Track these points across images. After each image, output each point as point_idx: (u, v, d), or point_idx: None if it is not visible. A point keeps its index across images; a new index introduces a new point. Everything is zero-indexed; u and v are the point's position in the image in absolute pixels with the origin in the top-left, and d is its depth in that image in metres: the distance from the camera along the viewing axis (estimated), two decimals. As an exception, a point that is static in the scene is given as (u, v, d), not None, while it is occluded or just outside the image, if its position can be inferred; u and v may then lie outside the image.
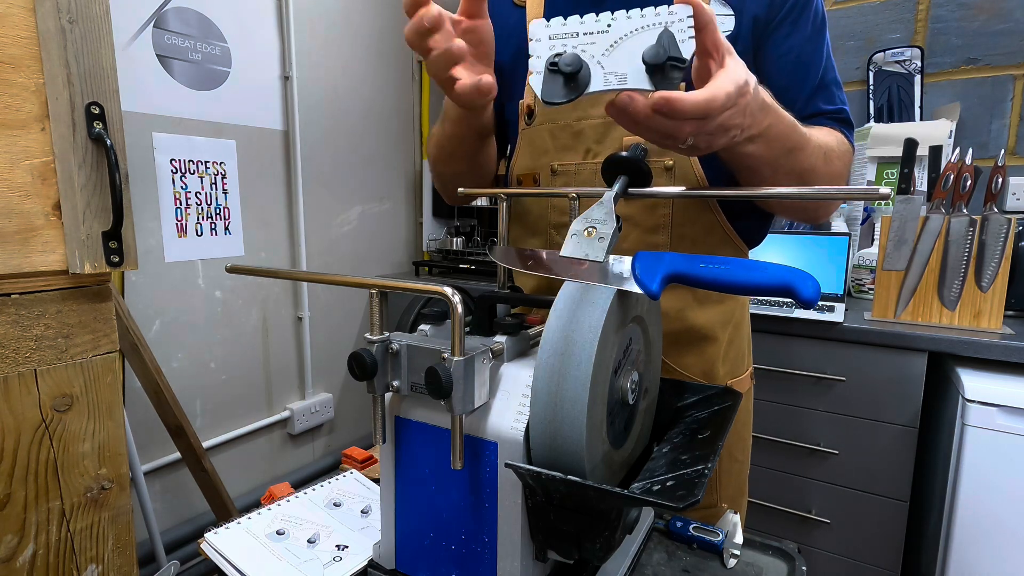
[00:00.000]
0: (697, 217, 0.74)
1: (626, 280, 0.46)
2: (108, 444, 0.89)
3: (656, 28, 0.44)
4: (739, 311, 0.84)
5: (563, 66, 0.44)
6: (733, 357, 0.84)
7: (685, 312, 0.77)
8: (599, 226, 0.51)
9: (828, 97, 0.73)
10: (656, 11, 0.44)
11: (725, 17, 0.71)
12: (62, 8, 0.77)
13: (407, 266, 2.35)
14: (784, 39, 0.70)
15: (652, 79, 0.44)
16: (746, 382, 0.87)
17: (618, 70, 0.45)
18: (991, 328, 1.25)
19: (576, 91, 0.45)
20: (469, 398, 0.45)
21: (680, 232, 0.74)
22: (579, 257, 0.50)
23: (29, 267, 0.78)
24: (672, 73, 0.43)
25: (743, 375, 0.86)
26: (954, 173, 1.25)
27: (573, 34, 0.45)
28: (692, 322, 0.77)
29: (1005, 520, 1.13)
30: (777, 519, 1.48)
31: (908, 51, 1.71)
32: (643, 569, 0.57)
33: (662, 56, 0.43)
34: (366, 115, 2.10)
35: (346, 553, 0.61)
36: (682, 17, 0.43)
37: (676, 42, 0.43)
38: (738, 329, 0.85)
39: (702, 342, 0.78)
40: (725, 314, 0.80)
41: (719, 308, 0.79)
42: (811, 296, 0.41)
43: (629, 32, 0.44)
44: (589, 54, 0.45)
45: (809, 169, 0.64)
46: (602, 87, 0.45)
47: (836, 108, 0.73)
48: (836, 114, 0.73)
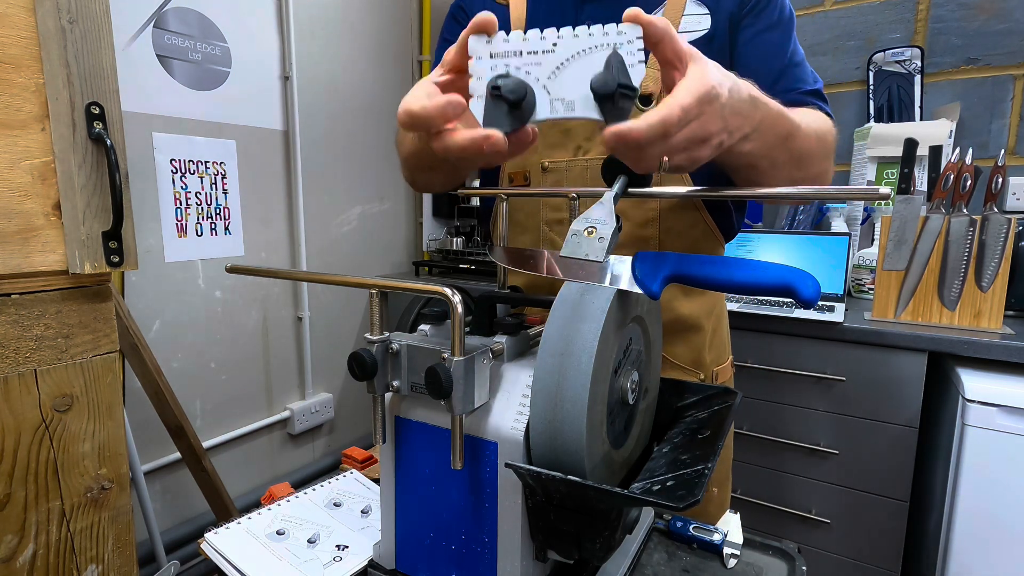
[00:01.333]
0: (682, 212, 0.78)
1: (626, 280, 0.46)
2: (108, 444, 0.89)
3: (604, 49, 0.41)
4: (720, 302, 0.89)
5: (506, 92, 0.41)
6: (717, 345, 0.88)
7: (672, 303, 0.80)
8: (599, 226, 0.51)
9: (801, 75, 0.74)
10: (604, 29, 0.41)
11: (701, 16, 0.73)
12: (62, 8, 0.76)
13: (407, 266, 2.35)
14: (750, 26, 0.73)
15: (601, 108, 0.41)
16: (728, 371, 0.91)
17: (565, 96, 0.42)
18: (991, 328, 1.25)
19: (520, 120, 0.42)
20: (469, 398, 0.45)
21: (667, 226, 0.77)
22: (579, 257, 0.50)
23: (29, 267, 0.78)
24: (622, 102, 0.40)
25: (726, 363, 0.90)
26: (954, 173, 1.25)
27: (517, 52, 0.42)
28: (679, 312, 0.80)
29: (1005, 520, 1.13)
30: (777, 519, 1.48)
31: (908, 51, 1.71)
32: (643, 569, 0.57)
33: (611, 85, 0.39)
34: (366, 115, 2.10)
35: (346, 553, 0.61)
36: (631, 38, 0.41)
37: (625, 67, 0.40)
38: (720, 319, 0.89)
39: (689, 331, 0.82)
40: (708, 304, 0.84)
41: (703, 299, 0.83)
42: (811, 296, 0.41)
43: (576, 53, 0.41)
44: (534, 76, 0.42)
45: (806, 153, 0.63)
46: (548, 115, 0.42)
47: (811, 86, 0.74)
48: (812, 92, 0.74)
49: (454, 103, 0.42)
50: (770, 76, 0.72)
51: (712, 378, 0.85)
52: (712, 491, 0.87)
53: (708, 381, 0.85)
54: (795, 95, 0.72)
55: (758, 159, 0.60)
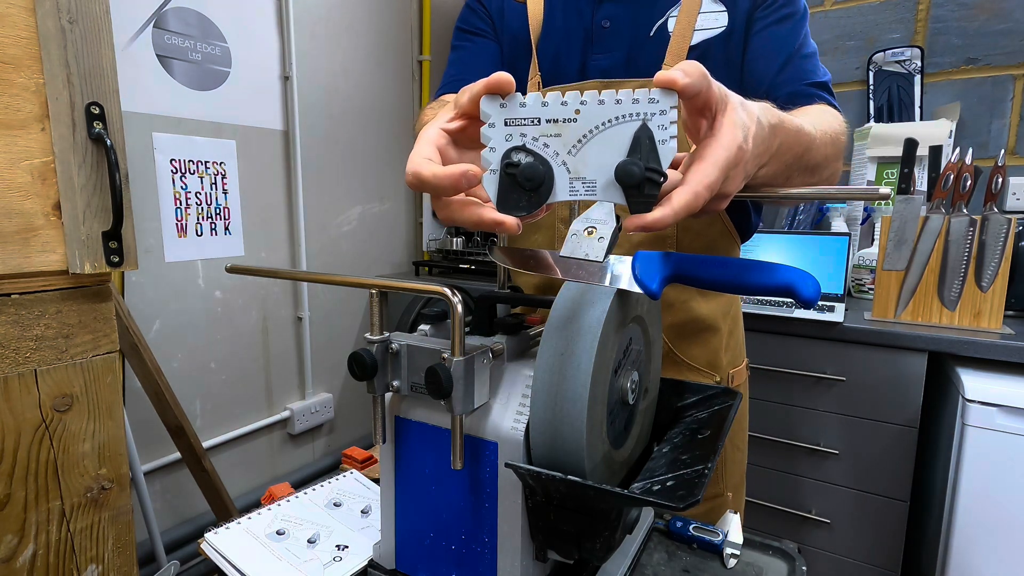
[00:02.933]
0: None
1: (626, 280, 0.46)
2: (108, 444, 0.89)
3: (633, 121, 0.36)
4: (736, 303, 0.88)
5: (523, 180, 0.37)
6: (733, 347, 0.87)
7: (689, 303, 0.79)
8: (599, 226, 0.51)
9: (810, 67, 0.74)
10: (634, 95, 0.36)
11: (718, 14, 0.73)
12: (62, 8, 0.76)
13: (407, 266, 2.35)
14: (762, 19, 0.74)
15: (627, 196, 0.37)
16: (743, 373, 0.90)
17: (586, 175, 0.37)
18: (991, 328, 1.25)
19: (537, 203, 0.38)
20: (469, 398, 0.45)
21: (686, 224, 0.76)
22: (579, 257, 0.50)
23: (29, 267, 0.78)
24: (649, 188, 0.36)
25: (741, 365, 0.89)
26: (954, 173, 1.25)
27: (534, 120, 0.37)
28: (696, 312, 0.79)
29: (1005, 520, 1.13)
30: (777, 519, 1.48)
31: (908, 51, 1.71)
32: (643, 569, 0.57)
33: (638, 176, 0.36)
34: (366, 115, 2.10)
35: (346, 553, 0.61)
36: (665, 108, 0.36)
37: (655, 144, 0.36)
38: (736, 321, 0.88)
39: (706, 332, 0.81)
40: (725, 305, 0.83)
41: (720, 299, 0.82)
42: (811, 296, 0.41)
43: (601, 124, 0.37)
44: (552, 150, 0.38)
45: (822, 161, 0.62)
46: (567, 198, 0.38)
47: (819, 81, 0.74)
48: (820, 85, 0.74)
49: (469, 176, 0.38)
50: (775, 65, 0.72)
51: (728, 380, 0.84)
52: (727, 496, 0.85)
53: (724, 383, 0.83)
54: (802, 86, 0.71)
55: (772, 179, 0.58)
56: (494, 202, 0.39)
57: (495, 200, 0.39)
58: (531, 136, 0.38)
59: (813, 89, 0.71)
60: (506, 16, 0.84)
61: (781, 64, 0.72)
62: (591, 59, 0.78)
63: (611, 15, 0.77)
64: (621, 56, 0.76)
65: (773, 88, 0.72)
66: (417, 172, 0.39)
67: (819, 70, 0.74)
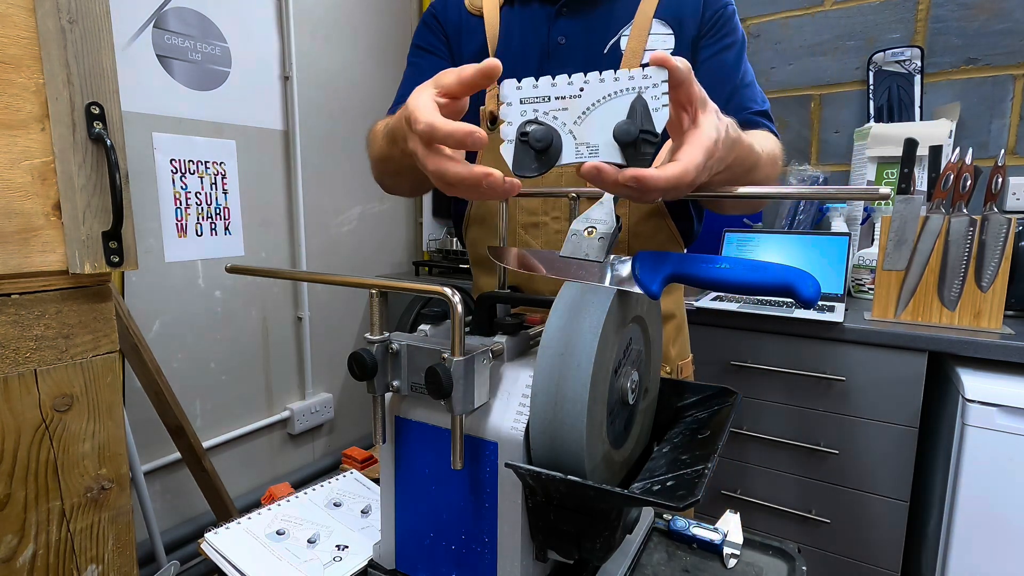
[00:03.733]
0: (650, 219, 0.82)
1: (626, 280, 0.46)
2: (108, 444, 0.89)
3: (629, 94, 0.42)
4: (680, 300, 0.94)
5: (534, 142, 0.43)
6: (681, 341, 0.93)
7: None
8: (599, 226, 0.51)
9: (751, 95, 0.80)
10: (631, 74, 0.42)
11: (666, 36, 0.77)
12: (62, 8, 0.76)
13: (407, 266, 2.35)
14: (708, 47, 0.78)
15: (624, 154, 0.42)
16: (690, 367, 0.95)
17: (590, 140, 0.43)
18: (991, 328, 1.25)
19: (547, 164, 0.44)
20: (469, 398, 0.45)
21: (636, 231, 0.82)
22: (579, 257, 0.50)
23: (29, 267, 0.78)
24: (644, 148, 0.42)
25: (688, 359, 0.94)
26: (954, 173, 1.25)
27: (545, 98, 0.44)
28: None
29: (1005, 520, 1.13)
30: (777, 519, 1.48)
31: (908, 51, 1.71)
32: (643, 569, 0.57)
33: (634, 133, 0.41)
34: (366, 115, 2.10)
35: (346, 553, 0.61)
36: (657, 82, 0.42)
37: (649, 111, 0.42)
38: (683, 314, 0.94)
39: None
40: (676, 300, 0.90)
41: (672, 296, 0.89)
42: (811, 296, 0.41)
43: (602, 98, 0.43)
44: (560, 121, 0.44)
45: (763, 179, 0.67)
46: (573, 159, 0.44)
47: (759, 107, 0.80)
48: (762, 113, 0.79)
49: (476, 137, 0.43)
50: (723, 95, 0.77)
51: (676, 372, 0.89)
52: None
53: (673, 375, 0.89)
54: (746, 115, 0.77)
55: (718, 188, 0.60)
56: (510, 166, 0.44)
57: (511, 164, 0.44)
58: (543, 111, 0.43)
59: (756, 117, 0.77)
60: (464, 32, 0.86)
61: (728, 94, 0.78)
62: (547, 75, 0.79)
63: (566, 32, 0.79)
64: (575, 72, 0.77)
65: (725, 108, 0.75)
66: (432, 123, 0.43)
67: (759, 97, 0.80)
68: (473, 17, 0.85)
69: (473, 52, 0.85)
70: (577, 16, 0.80)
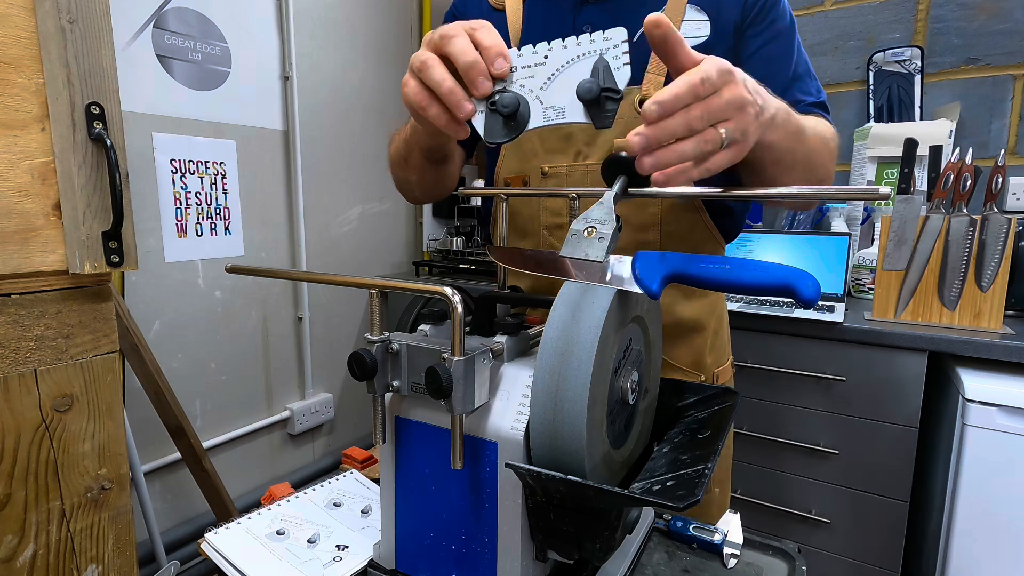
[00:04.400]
0: (683, 215, 0.77)
1: (626, 280, 0.46)
2: (108, 444, 0.89)
3: (591, 57, 0.44)
4: (721, 304, 0.88)
5: (501, 107, 0.45)
6: (719, 347, 0.88)
7: (673, 306, 0.80)
8: (599, 226, 0.51)
9: (804, 88, 0.75)
10: (591, 37, 0.44)
11: (700, 23, 0.73)
12: (62, 8, 0.76)
13: (407, 266, 2.35)
14: (754, 37, 0.73)
15: (588, 112, 0.44)
16: (728, 371, 0.91)
17: (556, 103, 0.45)
18: (991, 328, 1.25)
19: (516, 130, 0.46)
20: (469, 398, 0.45)
21: (668, 230, 0.77)
22: (579, 257, 0.50)
23: (29, 267, 0.78)
24: (608, 105, 0.44)
25: (726, 364, 0.90)
26: (954, 173, 1.25)
27: (512, 68, 0.46)
28: (680, 315, 0.80)
29: (1005, 520, 1.13)
30: (777, 519, 1.48)
31: (908, 51, 1.71)
32: (643, 569, 0.57)
33: (595, 91, 0.43)
34: (366, 115, 2.09)
35: (346, 553, 0.61)
36: (617, 43, 0.43)
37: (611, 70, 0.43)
38: (721, 321, 0.88)
39: (691, 334, 0.82)
40: (709, 306, 0.84)
41: (704, 301, 0.83)
42: (811, 296, 0.41)
43: (566, 63, 0.44)
44: (528, 88, 0.46)
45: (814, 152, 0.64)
46: (541, 123, 0.46)
47: (814, 100, 0.75)
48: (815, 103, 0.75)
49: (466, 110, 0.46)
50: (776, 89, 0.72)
51: (713, 380, 0.85)
52: (713, 491, 0.87)
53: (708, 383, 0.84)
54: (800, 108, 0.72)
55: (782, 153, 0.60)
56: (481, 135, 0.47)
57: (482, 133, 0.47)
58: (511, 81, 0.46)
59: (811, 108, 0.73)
60: None
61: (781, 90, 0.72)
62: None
63: (592, 20, 0.76)
64: None
65: None
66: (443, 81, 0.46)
67: (813, 89, 0.75)
68: (496, 12, 0.83)
69: None
70: (604, 3, 0.76)
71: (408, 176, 0.83)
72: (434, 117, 0.49)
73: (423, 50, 0.49)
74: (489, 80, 0.46)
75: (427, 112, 0.49)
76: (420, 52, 0.49)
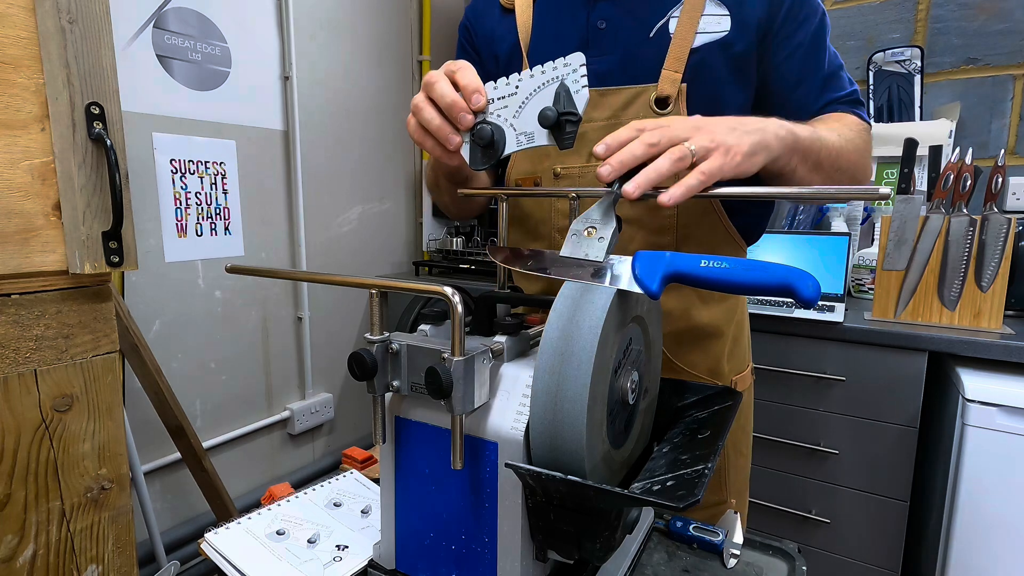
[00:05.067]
0: (701, 218, 0.75)
1: (626, 280, 0.46)
2: (108, 444, 0.89)
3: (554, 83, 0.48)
4: (740, 309, 0.85)
5: (476, 139, 0.52)
6: (738, 354, 0.86)
7: (690, 311, 0.77)
8: (599, 226, 0.51)
9: (838, 84, 0.75)
10: (553, 64, 0.48)
11: (720, 17, 0.71)
12: (62, 8, 0.76)
13: (407, 266, 2.35)
14: (789, 38, 0.72)
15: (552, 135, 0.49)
16: (748, 378, 0.89)
17: (526, 129, 0.50)
18: (991, 328, 1.25)
19: (494, 157, 0.52)
20: (469, 398, 0.45)
21: (685, 232, 0.74)
22: (579, 257, 0.50)
23: (29, 267, 0.78)
24: (568, 128, 0.48)
25: (745, 371, 0.88)
26: (954, 173, 1.25)
27: (490, 100, 0.52)
28: (697, 320, 0.78)
29: (1005, 520, 1.13)
30: (777, 519, 1.48)
31: (908, 51, 1.71)
32: (643, 569, 0.57)
33: (552, 116, 0.48)
34: (366, 115, 2.09)
35: (346, 553, 0.61)
36: (575, 67, 0.48)
37: (571, 94, 0.48)
38: (740, 326, 0.86)
39: (707, 340, 0.79)
40: (729, 312, 0.81)
41: (723, 306, 0.80)
42: (811, 295, 0.41)
43: (533, 91, 0.49)
44: (503, 118, 0.51)
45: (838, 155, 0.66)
46: (515, 148, 0.51)
47: (847, 93, 0.75)
48: (847, 98, 0.75)
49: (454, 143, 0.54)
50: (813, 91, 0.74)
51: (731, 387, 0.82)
52: (730, 502, 0.85)
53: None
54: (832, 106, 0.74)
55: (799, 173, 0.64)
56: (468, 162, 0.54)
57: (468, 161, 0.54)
58: (490, 112, 0.52)
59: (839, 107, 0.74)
60: (496, 36, 0.83)
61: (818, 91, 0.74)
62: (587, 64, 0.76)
63: (607, 15, 0.74)
64: (616, 59, 0.73)
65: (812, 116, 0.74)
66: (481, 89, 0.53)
67: (845, 83, 0.76)
68: (506, 16, 0.81)
69: (506, 52, 0.81)
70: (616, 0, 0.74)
71: (442, 197, 0.87)
72: (430, 149, 0.56)
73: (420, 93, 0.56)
74: (470, 114, 0.52)
75: (425, 146, 0.56)
76: (418, 95, 0.56)
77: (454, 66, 0.54)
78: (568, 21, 0.76)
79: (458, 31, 0.89)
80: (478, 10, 0.86)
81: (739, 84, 0.73)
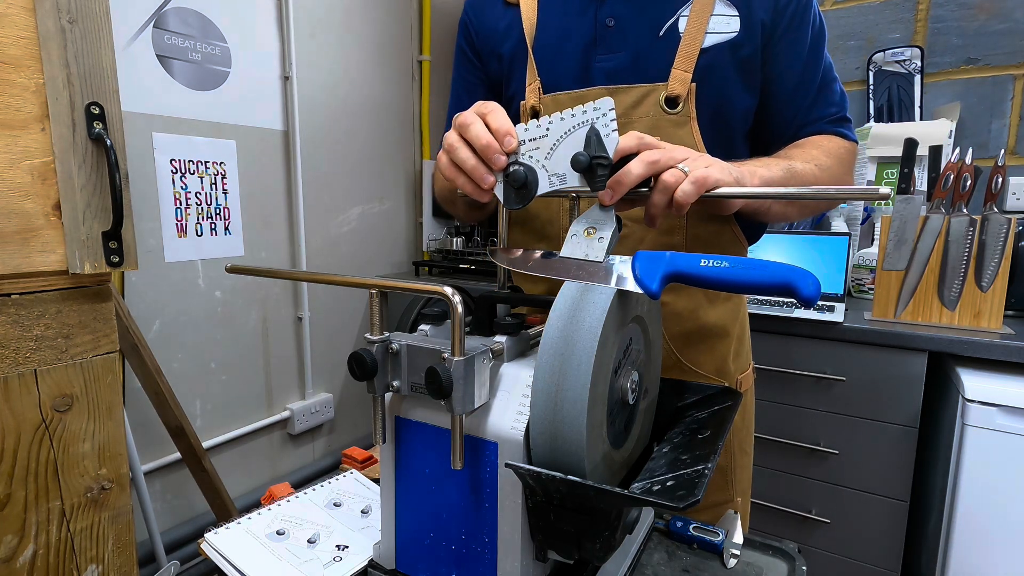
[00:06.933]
0: (709, 219, 0.75)
1: (626, 280, 0.46)
2: (108, 444, 0.89)
3: (584, 127, 0.50)
4: (743, 308, 0.86)
5: (511, 181, 0.53)
6: (743, 354, 0.87)
7: (698, 311, 0.78)
8: (599, 226, 0.51)
9: (828, 99, 0.77)
10: (583, 108, 0.49)
11: (730, 18, 0.71)
12: (62, 8, 0.76)
13: (407, 266, 2.35)
14: (789, 48, 0.73)
15: (584, 178, 0.51)
16: (750, 377, 0.89)
17: (558, 171, 0.52)
18: (991, 328, 1.25)
19: (527, 198, 0.53)
20: (469, 398, 0.45)
21: (694, 233, 0.75)
22: (579, 257, 0.50)
23: (29, 267, 0.78)
24: (599, 172, 0.50)
25: (748, 370, 0.89)
26: (954, 173, 1.25)
27: (523, 141, 0.53)
28: (705, 320, 0.78)
29: (1005, 520, 1.13)
30: (777, 519, 1.48)
31: (908, 51, 1.71)
32: (643, 569, 0.57)
33: (584, 161, 0.49)
34: (366, 115, 2.09)
35: (346, 553, 0.61)
36: (605, 111, 0.49)
37: (601, 138, 0.49)
38: (744, 326, 0.87)
39: (715, 339, 0.79)
40: (733, 311, 0.82)
41: (728, 305, 0.81)
42: (811, 294, 0.41)
43: (564, 134, 0.51)
44: (535, 159, 0.52)
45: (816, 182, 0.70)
46: (548, 189, 0.52)
47: (833, 112, 0.77)
48: (834, 116, 0.77)
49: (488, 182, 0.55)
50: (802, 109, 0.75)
51: (736, 386, 0.83)
52: (736, 501, 0.85)
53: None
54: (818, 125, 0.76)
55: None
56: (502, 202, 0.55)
57: (502, 201, 0.55)
58: (523, 152, 0.53)
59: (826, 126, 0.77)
60: (499, 31, 0.82)
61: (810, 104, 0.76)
62: (596, 61, 0.74)
63: (616, 13, 0.73)
64: (627, 57, 0.73)
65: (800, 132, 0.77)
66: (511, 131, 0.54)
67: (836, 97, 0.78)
68: (510, 10, 0.80)
69: (510, 49, 0.80)
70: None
71: (455, 211, 0.88)
72: (463, 186, 0.57)
73: (452, 132, 0.57)
74: (503, 156, 0.53)
75: (457, 183, 0.57)
76: (450, 133, 0.57)
77: (485, 108, 0.55)
78: (575, 18, 0.76)
79: (458, 28, 0.89)
80: (478, 4, 0.85)
81: (746, 87, 0.73)
